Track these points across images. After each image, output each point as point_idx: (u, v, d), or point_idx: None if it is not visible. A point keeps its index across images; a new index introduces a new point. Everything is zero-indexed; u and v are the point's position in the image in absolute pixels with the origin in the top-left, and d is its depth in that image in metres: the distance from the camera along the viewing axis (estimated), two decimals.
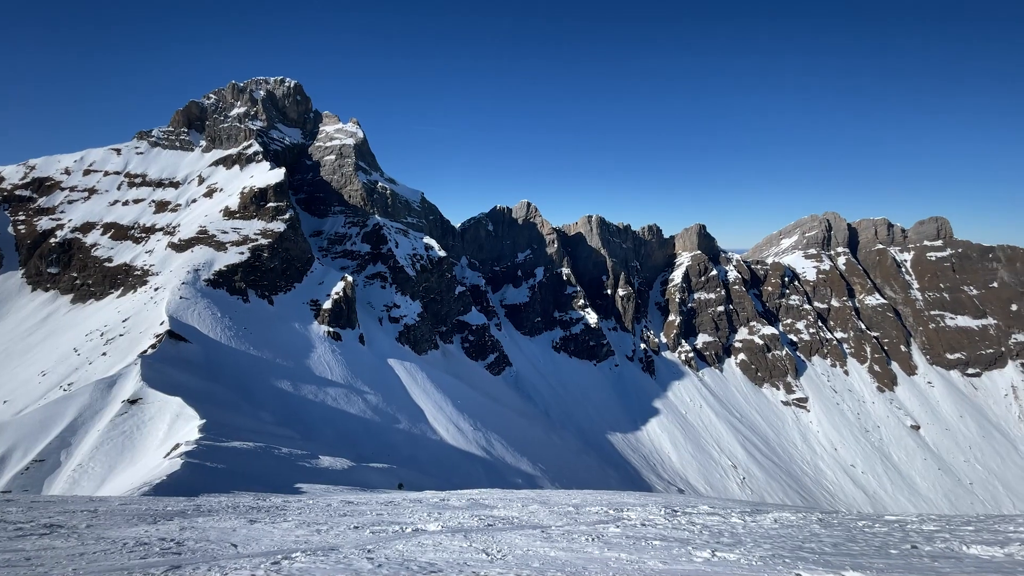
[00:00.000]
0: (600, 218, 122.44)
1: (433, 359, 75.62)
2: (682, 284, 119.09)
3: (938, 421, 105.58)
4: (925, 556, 8.95)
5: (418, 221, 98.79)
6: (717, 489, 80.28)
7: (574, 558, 8.68)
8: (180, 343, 46.51)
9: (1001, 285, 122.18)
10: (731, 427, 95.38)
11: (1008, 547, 9.12)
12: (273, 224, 69.98)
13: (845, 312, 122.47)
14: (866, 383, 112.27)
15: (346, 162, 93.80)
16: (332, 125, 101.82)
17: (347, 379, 55.80)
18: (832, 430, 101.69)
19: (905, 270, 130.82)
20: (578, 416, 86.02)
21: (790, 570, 7.85)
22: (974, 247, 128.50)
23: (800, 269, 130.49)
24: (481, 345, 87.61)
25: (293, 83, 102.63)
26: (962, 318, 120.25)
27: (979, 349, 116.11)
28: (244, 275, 62.72)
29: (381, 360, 63.91)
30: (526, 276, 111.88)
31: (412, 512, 15.23)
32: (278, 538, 10.37)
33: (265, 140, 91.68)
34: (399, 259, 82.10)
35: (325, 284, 68.44)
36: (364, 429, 48.94)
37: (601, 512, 15.94)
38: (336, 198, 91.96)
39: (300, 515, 14.07)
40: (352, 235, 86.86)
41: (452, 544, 9.76)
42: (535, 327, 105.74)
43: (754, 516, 14.95)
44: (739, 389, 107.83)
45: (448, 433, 55.29)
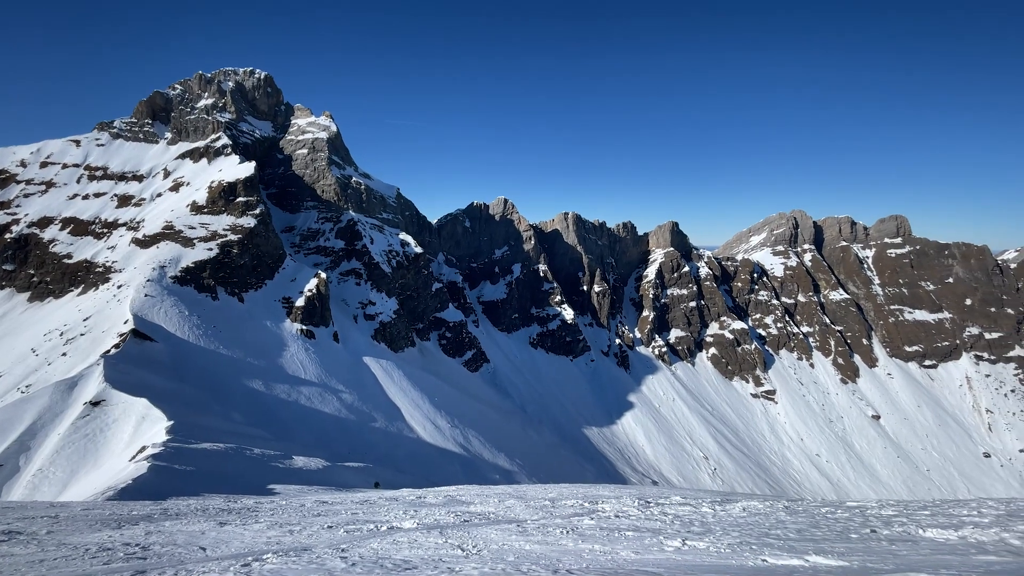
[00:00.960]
0: (576, 215, 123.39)
1: (410, 356, 75.07)
2: (656, 280, 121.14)
3: (897, 411, 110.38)
4: (883, 540, 9.37)
5: (394, 217, 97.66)
6: (689, 480, 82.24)
7: (549, 551, 8.83)
8: (145, 342, 44.98)
9: (956, 281, 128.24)
10: (703, 419, 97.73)
11: (962, 530, 9.55)
12: (243, 219, 68.17)
13: (811, 307, 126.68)
14: (830, 375, 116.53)
15: (319, 156, 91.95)
16: (304, 118, 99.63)
17: (321, 378, 54.94)
18: (798, 421, 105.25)
19: (867, 266, 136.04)
20: (555, 411, 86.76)
21: (756, 556, 8.13)
22: (931, 244, 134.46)
23: (768, 265, 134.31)
24: (458, 342, 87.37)
25: (263, 75, 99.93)
26: (920, 312, 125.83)
27: (935, 342, 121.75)
28: (213, 272, 60.96)
29: (356, 358, 63.11)
30: (503, 273, 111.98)
31: (388, 510, 15.17)
32: (249, 540, 10.21)
33: (234, 133, 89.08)
34: (374, 255, 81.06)
35: (298, 281, 67.11)
36: (339, 428, 48.32)
37: (577, 505, 16.18)
38: (309, 193, 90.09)
39: (272, 516, 13.86)
40: (326, 231, 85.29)
41: (428, 541, 9.78)
42: (512, 323, 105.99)
43: (724, 505, 15.40)
44: (710, 382, 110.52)
45: (425, 431, 55.07)
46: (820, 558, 7.78)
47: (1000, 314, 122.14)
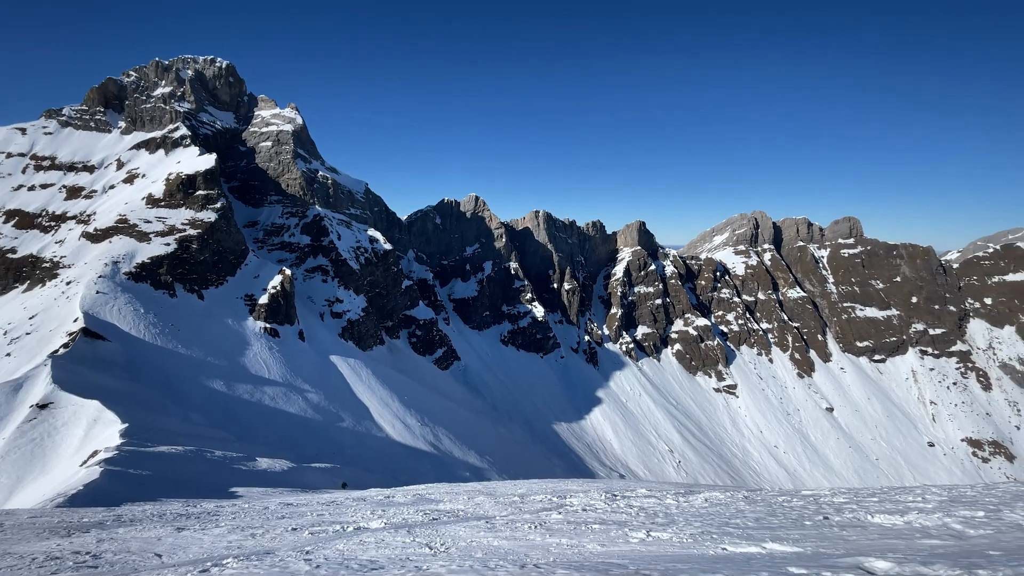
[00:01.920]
0: (547, 213, 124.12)
1: (379, 355, 74.02)
2: (623, 278, 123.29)
3: (849, 403, 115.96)
4: (835, 526, 9.78)
5: (362, 213, 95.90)
6: (655, 473, 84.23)
7: (517, 546, 8.92)
8: (97, 341, 42.81)
9: (903, 279, 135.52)
10: (668, 414, 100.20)
11: (907, 515, 10.01)
12: (203, 213, 65.63)
13: (770, 304, 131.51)
14: (787, 370, 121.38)
15: (284, 149, 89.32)
16: (268, 110, 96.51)
17: (286, 377, 53.57)
18: (758, 414, 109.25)
19: (822, 265, 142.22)
20: (525, 408, 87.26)
21: (717, 545, 8.43)
22: (881, 245, 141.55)
23: (730, 264, 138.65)
24: (429, 340, 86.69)
25: (225, 63, 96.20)
26: (870, 309, 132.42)
27: (884, 337, 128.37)
28: (170, 268, 58.49)
29: (323, 357, 61.81)
30: (474, 270, 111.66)
31: (355, 511, 14.98)
32: (208, 545, 9.93)
33: (194, 123, 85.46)
34: (342, 252, 79.45)
35: (261, 278, 65.13)
36: (305, 429, 47.27)
37: (545, 500, 16.38)
38: (273, 187, 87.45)
39: (234, 520, 13.49)
40: (290, 226, 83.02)
41: (395, 540, 9.73)
42: (483, 321, 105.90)
43: (687, 497, 15.86)
44: (675, 377, 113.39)
45: (394, 430, 54.48)
46: (776, 545, 8.10)
47: (943, 311, 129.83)
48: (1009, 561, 5.75)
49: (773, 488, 19.27)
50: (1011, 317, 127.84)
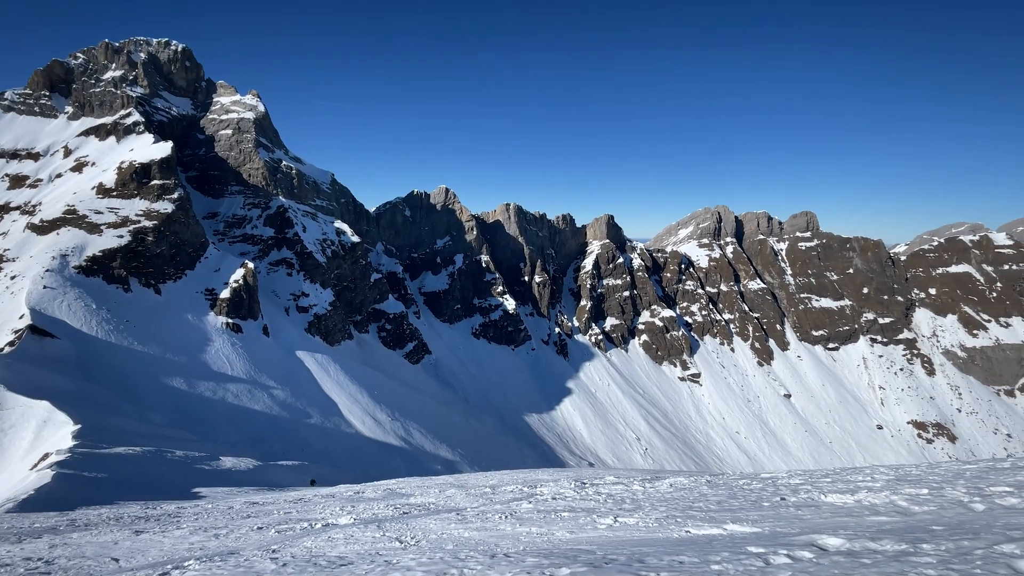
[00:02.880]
0: (518, 206, 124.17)
1: (347, 350, 72.78)
2: (593, 271, 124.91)
3: (805, 390, 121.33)
4: (791, 506, 10.20)
5: (328, 204, 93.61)
6: (623, 460, 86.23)
7: (487, 537, 9.02)
8: (45, 339, 40.55)
9: (856, 271, 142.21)
10: (635, 403, 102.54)
11: (857, 494, 10.51)
12: (159, 204, 62.72)
13: (732, 295, 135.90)
14: (748, 358, 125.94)
15: (245, 138, 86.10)
16: (228, 96, 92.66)
17: (250, 374, 52.09)
18: (721, 402, 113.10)
19: (781, 258, 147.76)
20: (497, 400, 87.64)
21: (681, 528, 8.72)
22: (835, 238, 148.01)
23: (695, 257, 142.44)
24: (399, 334, 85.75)
25: (180, 47, 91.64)
26: (825, 300, 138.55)
27: (838, 326, 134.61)
28: (124, 261, 55.76)
29: (288, 352, 60.34)
30: (445, 263, 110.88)
31: (324, 507, 14.81)
32: (169, 547, 9.65)
33: (147, 109, 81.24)
34: (307, 244, 77.44)
35: (222, 271, 62.88)
36: (271, 426, 46.18)
37: (516, 490, 16.57)
38: (234, 177, 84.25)
39: (196, 521, 13.13)
40: (253, 218, 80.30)
41: (364, 536, 9.68)
42: (455, 314, 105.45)
43: (653, 483, 16.32)
44: (642, 368, 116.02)
45: (364, 425, 53.84)
46: (736, 526, 8.41)
47: (891, 301, 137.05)
48: (951, 535, 6.07)
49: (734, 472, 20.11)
50: (953, 306, 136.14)
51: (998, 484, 10.00)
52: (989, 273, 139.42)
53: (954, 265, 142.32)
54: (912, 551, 5.52)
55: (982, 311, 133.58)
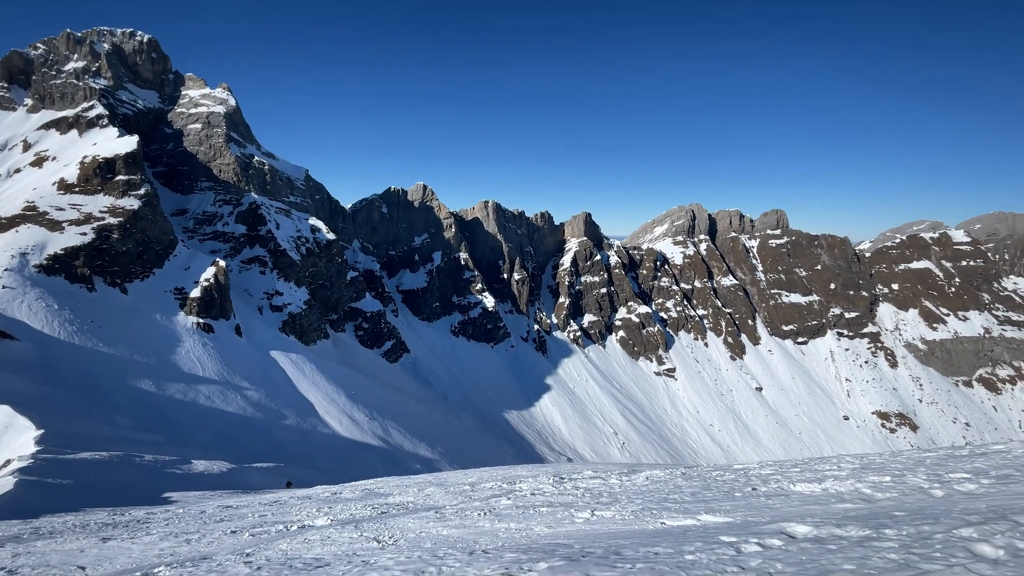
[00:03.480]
0: (496, 204, 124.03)
1: (323, 349, 71.63)
2: (571, 268, 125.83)
3: (776, 383, 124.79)
4: (762, 496, 10.45)
5: (303, 201, 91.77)
6: (601, 455, 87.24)
7: (466, 534, 9.03)
8: (5, 341, 38.77)
9: (823, 268, 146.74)
10: (613, 398, 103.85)
11: (824, 483, 10.81)
12: (124, 200, 60.48)
13: (705, 292, 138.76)
14: (721, 353, 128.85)
15: (215, 132, 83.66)
16: (197, 90, 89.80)
17: (222, 375, 50.82)
18: (695, 395, 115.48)
19: (752, 255, 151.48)
20: (476, 398, 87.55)
21: (656, 520, 8.89)
22: (804, 235, 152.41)
23: (670, 254, 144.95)
24: (377, 332, 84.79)
25: (146, 37, 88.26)
26: (794, 296, 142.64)
27: (806, 321, 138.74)
28: (88, 260, 53.62)
29: (262, 352, 59.06)
30: (423, 261, 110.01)
31: (300, 509, 14.59)
32: (138, 554, 9.37)
33: (112, 102, 78.08)
34: (281, 242, 75.82)
35: (192, 270, 61.11)
36: (245, 428, 45.16)
37: (495, 487, 16.62)
38: (204, 172, 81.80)
39: (167, 526, 12.79)
40: (224, 215, 78.17)
41: (342, 536, 9.59)
42: (433, 312, 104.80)
43: (630, 476, 16.57)
44: (619, 363, 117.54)
45: (341, 425, 53.12)
46: (710, 516, 8.62)
47: (857, 296, 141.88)
48: (912, 520, 6.32)
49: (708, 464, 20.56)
50: (915, 301, 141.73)
51: (956, 471, 10.39)
52: (948, 269, 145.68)
53: (915, 261, 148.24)
54: (876, 536, 5.76)
55: (941, 305, 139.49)
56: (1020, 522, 5.61)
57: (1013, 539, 5.10)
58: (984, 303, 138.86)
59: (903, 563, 4.80)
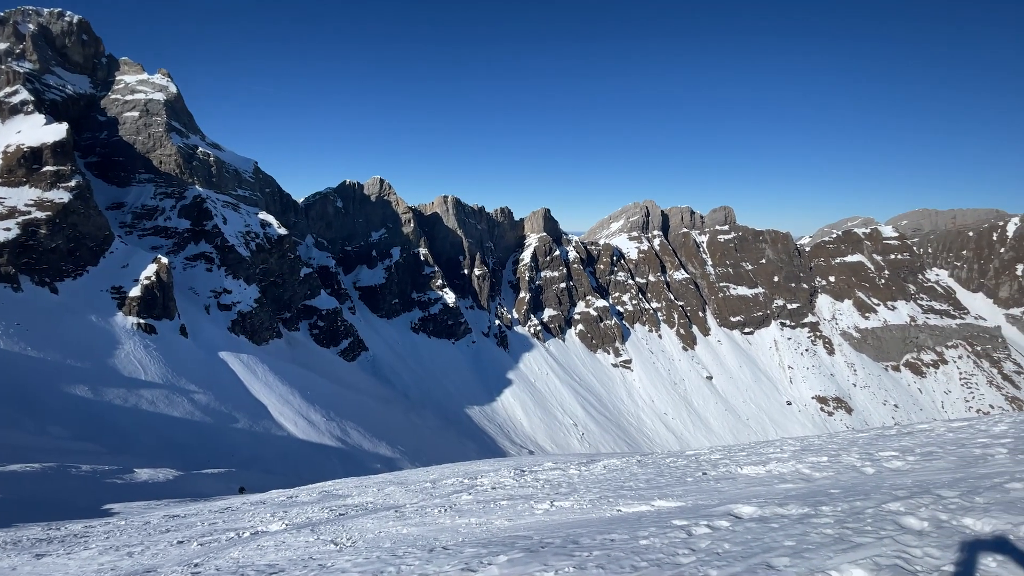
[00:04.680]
0: (456, 199, 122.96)
1: (276, 349, 69.10)
2: (531, 263, 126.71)
3: (725, 371, 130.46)
4: (711, 480, 10.82)
5: (252, 194, 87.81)
6: (561, 446, 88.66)
7: (426, 532, 9.00)
8: None
9: (768, 262, 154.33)
10: (572, 390, 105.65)
11: (768, 465, 11.26)
12: (53, 193, 55.98)
13: (659, 286, 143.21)
14: (674, 344, 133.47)
15: (155, 121, 78.61)
16: (134, 75, 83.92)
17: (167, 378, 48.15)
18: (650, 385, 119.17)
19: (702, 250, 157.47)
20: (438, 394, 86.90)
21: (613, 507, 9.11)
22: (750, 231, 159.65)
23: (625, 249, 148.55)
24: (333, 331, 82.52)
25: (76, 18, 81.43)
26: (741, 288, 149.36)
27: (752, 312, 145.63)
28: (13, 257, 49.34)
29: (210, 354, 56.35)
30: (381, 256, 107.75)
31: (253, 515, 14.09)
32: (75, 570, 8.82)
33: (38, 87, 71.70)
34: (228, 237, 72.36)
35: (131, 267, 57.41)
36: (194, 433, 43.01)
37: (457, 483, 16.61)
38: (142, 163, 76.73)
39: (107, 539, 12.07)
40: (166, 208, 73.74)
41: (297, 541, 9.34)
42: (392, 309, 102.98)
43: (588, 466, 16.86)
44: (578, 356, 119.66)
45: (297, 427, 51.49)
46: (663, 502, 8.87)
47: (798, 288, 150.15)
48: (846, 497, 6.72)
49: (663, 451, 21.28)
50: (849, 292, 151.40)
51: (886, 449, 10.94)
52: (878, 262, 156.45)
53: (850, 255, 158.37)
54: (813, 513, 6.09)
55: (872, 296, 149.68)
56: (942, 495, 6.03)
57: (936, 511, 5.49)
58: (910, 293, 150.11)
59: (838, 537, 5.11)
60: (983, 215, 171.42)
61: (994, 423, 13.06)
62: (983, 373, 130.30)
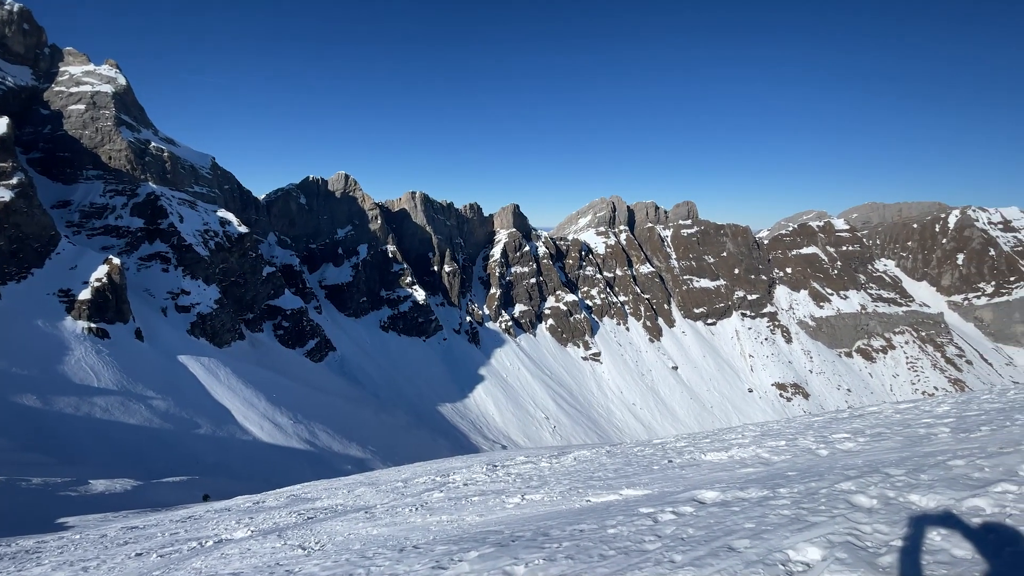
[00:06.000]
0: (424, 195, 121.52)
1: (239, 351, 66.91)
2: (501, 259, 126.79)
3: (689, 361, 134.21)
4: (677, 467, 11.04)
5: (210, 191, 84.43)
6: (534, 440, 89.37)
7: (397, 531, 8.92)
8: None
9: (729, 255, 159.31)
10: (544, 384, 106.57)
11: (730, 451, 11.57)
12: None
13: (626, 279, 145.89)
14: (641, 336, 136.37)
15: (103, 114, 74.41)
16: (80, 66, 79.05)
17: (122, 384, 45.95)
18: (619, 377, 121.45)
19: (667, 244, 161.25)
20: (409, 393, 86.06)
21: (582, 498, 9.22)
22: (711, 225, 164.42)
23: (593, 244, 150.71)
24: (299, 331, 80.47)
25: (17, 6, 75.87)
26: (704, 281, 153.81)
27: (715, 304, 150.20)
28: None
29: (169, 358, 54.08)
30: (348, 254, 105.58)
31: (217, 523, 13.67)
32: None
33: None
34: (186, 236, 69.45)
35: (80, 269, 54.39)
36: (153, 440, 41.24)
37: (428, 481, 16.52)
38: (90, 159, 72.55)
39: (61, 555, 11.50)
40: (117, 207, 70.06)
41: (263, 548, 9.10)
42: (361, 307, 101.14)
43: (559, 458, 16.99)
44: (549, 350, 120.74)
45: (263, 431, 50.07)
46: (631, 490, 9.02)
47: (757, 280, 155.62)
48: (802, 479, 7.01)
49: (632, 441, 21.76)
50: (805, 283, 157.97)
51: (838, 432, 11.42)
52: (831, 254, 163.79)
53: (805, 247, 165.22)
54: (772, 496, 6.34)
55: (826, 286, 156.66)
56: (890, 474, 6.37)
57: (884, 489, 5.80)
58: (860, 283, 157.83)
59: (795, 518, 5.35)
60: (927, 208, 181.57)
61: (937, 404, 13.86)
62: (928, 357, 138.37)
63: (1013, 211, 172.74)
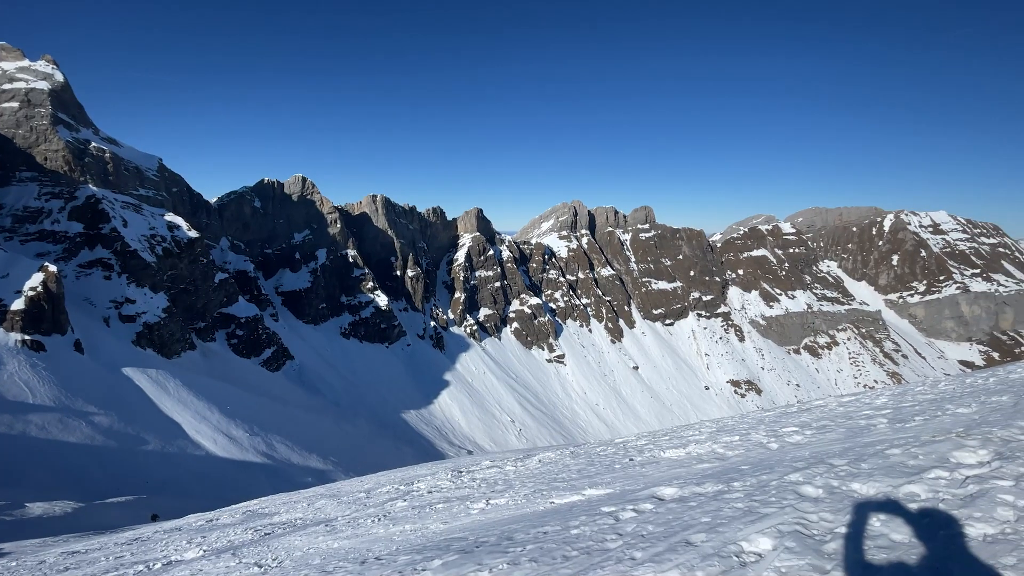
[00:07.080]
0: (385, 198, 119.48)
1: (189, 362, 63.73)
2: (465, 263, 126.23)
3: (649, 361, 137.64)
4: (637, 465, 11.19)
5: (156, 194, 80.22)
6: (500, 443, 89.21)
7: (359, 544, 8.74)
8: None
9: (684, 257, 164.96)
10: (509, 387, 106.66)
11: (688, 448, 11.79)
12: None
13: (588, 282, 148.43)
14: (603, 337, 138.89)
15: (38, 112, 69.39)
16: (13, 62, 73.46)
17: (60, 400, 42.91)
18: (582, 378, 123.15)
19: (626, 247, 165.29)
20: (372, 400, 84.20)
21: (546, 500, 9.26)
22: (668, 229, 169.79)
23: (556, 248, 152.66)
24: (254, 340, 77.39)
25: None
26: (661, 283, 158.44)
27: (672, 305, 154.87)
28: None
29: (112, 370, 50.91)
30: (306, 259, 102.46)
31: (166, 544, 12.98)
32: None
33: None
34: (130, 241, 65.63)
35: (12, 277, 50.48)
36: (95, 459, 38.68)
37: (392, 490, 16.23)
38: (23, 160, 67.43)
39: None
40: (53, 210, 65.43)
41: (216, 568, 8.71)
42: (320, 314, 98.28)
43: (524, 461, 16.95)
44: (514, 353, 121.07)
45: (217, 445, 47.84)
46: (593, 490, 9.11)
47: (711, 281, 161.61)
48: (754, 472, 7.28)
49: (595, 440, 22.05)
50: (756, 284, 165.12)
51: (787, 425, 11.82)
52: (779, 256, 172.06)
53: (755, 250, 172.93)
54: (727, 490, 6.56)
55: (775, 287, 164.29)
56: (834, 464, 6.69)
57: (829, 479, 6.10)
58: (806, 283, 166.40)
59: (747, 510, 5.58)
60: (864, 212, 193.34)
61: (876, 396, 14.71)
62: (868, 352, 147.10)
63: (942, 215, 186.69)
